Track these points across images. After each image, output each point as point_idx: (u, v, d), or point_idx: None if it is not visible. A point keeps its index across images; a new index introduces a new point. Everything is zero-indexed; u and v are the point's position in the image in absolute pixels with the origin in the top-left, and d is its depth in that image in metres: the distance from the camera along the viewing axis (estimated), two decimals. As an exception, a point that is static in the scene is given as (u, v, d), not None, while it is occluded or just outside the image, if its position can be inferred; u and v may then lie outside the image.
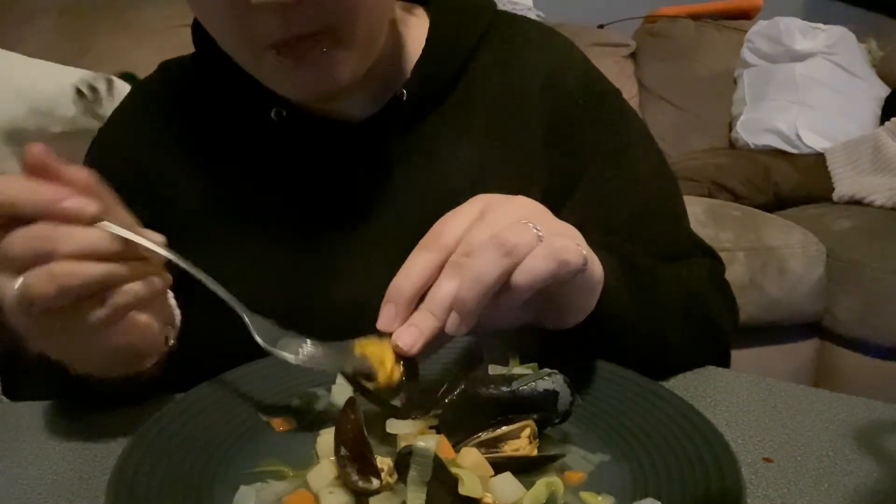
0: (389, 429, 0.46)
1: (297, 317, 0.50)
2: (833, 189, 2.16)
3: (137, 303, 0.48)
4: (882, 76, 2.55)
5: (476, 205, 0.50)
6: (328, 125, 0.66)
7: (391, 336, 0.47)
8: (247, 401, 0.52)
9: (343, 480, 0.41)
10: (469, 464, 0.41)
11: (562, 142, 0.70)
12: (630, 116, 0.75)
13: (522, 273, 0.45)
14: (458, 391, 0.45)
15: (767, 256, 1.81)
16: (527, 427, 0.45)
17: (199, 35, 0.67)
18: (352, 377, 0.48)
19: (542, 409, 0.46)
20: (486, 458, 0.42)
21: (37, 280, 0.43)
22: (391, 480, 0.42)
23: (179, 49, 0.75)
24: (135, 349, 0.52)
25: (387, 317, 0.47)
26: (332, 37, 0.56)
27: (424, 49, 0.68)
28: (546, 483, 0.42)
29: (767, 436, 0.52)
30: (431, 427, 0.46)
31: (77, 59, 1.97)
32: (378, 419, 0.46)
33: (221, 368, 0.55)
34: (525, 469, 0.43)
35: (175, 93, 0.71)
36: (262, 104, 0.65)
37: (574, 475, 0.44)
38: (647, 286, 0.60)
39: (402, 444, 0.42)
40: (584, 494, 0.42)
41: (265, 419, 0.51)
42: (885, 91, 2.48)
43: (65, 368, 0.52)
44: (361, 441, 0.42)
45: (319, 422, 0.50)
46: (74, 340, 0.48)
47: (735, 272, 1.76)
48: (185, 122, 0.69)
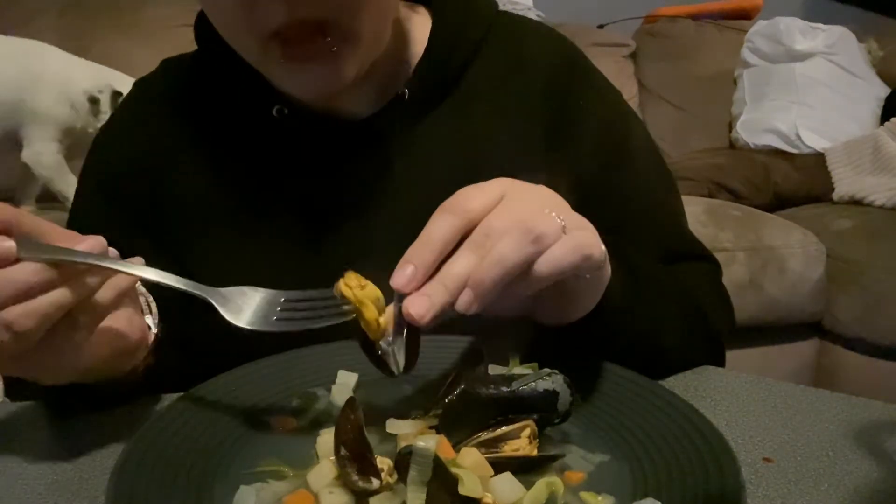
0: (389, 429, 0.46)
1: None
2: (833, 189, 2.16)
3: (105, 311, 0.48)
4: (882, 76, 2.55)
5: (497, 186, 0.48)
6: (330, 123, 0.66)
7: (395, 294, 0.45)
8: (247, 401, 0.52)
9: (343, 480, 0.41)
10: (469, 464, 0.41)
11: (562, 142, 0.70)
12: (630, 118, 0.75)
13: (546, 262, 0.44)
14: (458, 391, 0.45)
15: (767, 256, 1.81)
16: (527, 427, 0.45)
17: (202, 32, 0.68)
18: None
19: (542, 409, 0.46)
20: (486, 458, 0.42)
21: None
22: (391, 480, 0.42)
23: (180, 49, 0.75)
24: (117, 351, 0.52)
25: (403, 276, 0.44)
26: (339, 32, 0.57)
27: (427, 48, 0.68)
28: (546, 483, 0.42)
29: (767, 436, 0.52)
30: (431, 427, 0.46)
31: (77, 60, 1.97)
32: (378, 419, 0.46)
33: (221, 368, 0.55)
34: (525, 469, 0.43)
35: (177, 90, 0.71)
36: (264, 101, 0.65)
37: (574, 475, 0.44)
38: (645, 287, 0.60)
39: (402, 444, 0.42)
40: (584, 494, 0.42)
41: (265, 419, 0.51)
42: (885, 91, 2.48)
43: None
44: (361, 441, 0.42)
45: (319, 422, 0.50)
46: (50, 367, 0.49)
47: (735, 272, 1.76)
48: (187, 120, 0.69)
